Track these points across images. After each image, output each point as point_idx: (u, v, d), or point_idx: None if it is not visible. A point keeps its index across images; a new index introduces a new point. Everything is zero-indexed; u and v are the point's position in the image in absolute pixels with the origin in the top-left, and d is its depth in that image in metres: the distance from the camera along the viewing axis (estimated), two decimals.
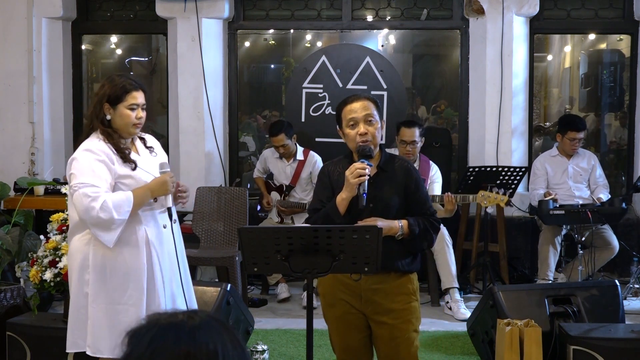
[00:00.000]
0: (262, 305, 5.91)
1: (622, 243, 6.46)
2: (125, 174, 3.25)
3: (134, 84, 3.30)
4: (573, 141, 6.17)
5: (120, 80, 3.30)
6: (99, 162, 3.19)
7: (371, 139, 3.16)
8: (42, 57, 6.93)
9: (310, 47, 7.98)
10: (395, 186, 3.18)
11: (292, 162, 6.28)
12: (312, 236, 2.84)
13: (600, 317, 4.21)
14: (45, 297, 4.86)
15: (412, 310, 3.21)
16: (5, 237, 4.75)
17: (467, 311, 5.43)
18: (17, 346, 4.04)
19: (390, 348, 3.21)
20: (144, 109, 3.33)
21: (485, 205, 5.42)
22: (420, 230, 3.15)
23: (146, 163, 3.35)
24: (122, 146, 3.29)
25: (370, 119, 3.17)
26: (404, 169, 3.23)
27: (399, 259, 3.17)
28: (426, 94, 8.24)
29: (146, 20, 7.26)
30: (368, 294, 3.18)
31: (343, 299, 3.22)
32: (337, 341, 3.32)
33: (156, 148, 3.49)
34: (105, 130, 3.27)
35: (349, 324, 3.24)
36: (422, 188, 3.26)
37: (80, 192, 3.12)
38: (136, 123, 3.29)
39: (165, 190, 3.25)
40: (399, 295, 3.19)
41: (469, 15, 6.80)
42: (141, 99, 3.31)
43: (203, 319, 1.36)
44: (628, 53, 7.15)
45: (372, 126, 3.17)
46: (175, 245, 3.30)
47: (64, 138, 7.13)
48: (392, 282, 3.18)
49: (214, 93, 6.92)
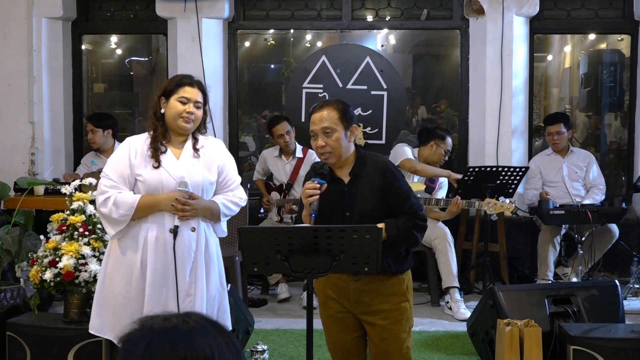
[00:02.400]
0: (262, 305, 5.91)
1: (622, 243, 6.47)
2: (140, 172, 3.29)
3: (189, 80, 3.37)
4: (549, 136, 6.25)
5: (179, 76, 3.41)
6: (123, 156, 3.32)
7: (331, 150, 3.14)
8: (42, 57, 6.93)
9: (310, 47, 7.97)
10: (372, 190, 3.13)
11: (291, 159, 6.29)
12: (312, 236, 2.84)
13: (600, 317, 4.21)
14: (45, 297, 4.85)
15: (402, 311, 3.20)
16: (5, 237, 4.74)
17: (467, 311, 5.43)
18: (17, 346, 4.04)
19: (380, 349, 3.21)
20: (198, 107, 3.33)
21: (491, 212, 5.43)
22: (399, 232, 3.09)
23: (177, 165, 3.32)
24: (160, 142, 3.31)
25: (328, 131, 3.13)
26: (378, 170, 3.17)
27: (386, 260, 3.12)
28: (426, 94, 8.24)
29: (146, 20, 7.25)
30: (357, 294, 3.17)
31: (334, 298, 3.22)
32: (330, 340, 3.32)
33: (212, 152, 3.40)
34: (154, 123, 3.34)
35: (341, 323, 3.24)
36: (402, 185, 3.18)
37: (100, 181, 3.34)
38: (184, 116, 3.30)
39: (169, 208, 3.26)
40: (388, 295, 3.17)
41: (469, 15, 6.80)
42: (195, 95, 3.33)
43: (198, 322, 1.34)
44: (628, 53, 7.15)
45: (331, 138, 3.13)
46: (175, 253, 3.24)
47: (64, 138, 7.13)
48: (381, 282, 3.16)
49: (214, 93, 6.92)
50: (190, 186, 3.29)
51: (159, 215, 3.28)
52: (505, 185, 5.97)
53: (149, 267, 3.26)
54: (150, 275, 3.26)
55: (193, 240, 3.30)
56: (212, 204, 3.35)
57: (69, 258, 3.87)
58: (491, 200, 5.34)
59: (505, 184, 5.98)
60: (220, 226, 3.44)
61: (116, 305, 3.31)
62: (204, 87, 3.41)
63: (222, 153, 3.45)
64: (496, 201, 5.33)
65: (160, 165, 3.30)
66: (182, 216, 3.25)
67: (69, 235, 3.96)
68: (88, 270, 3.87)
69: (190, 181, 3.29)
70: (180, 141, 3.39)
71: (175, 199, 3.24)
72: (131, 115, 8.15)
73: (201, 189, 3.34)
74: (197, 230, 3.31)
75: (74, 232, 3.95)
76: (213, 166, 3.39)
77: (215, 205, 3.36)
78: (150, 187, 3.29)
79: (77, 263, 3.88)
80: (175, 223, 3.25)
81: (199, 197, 3.31)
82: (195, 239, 3.31)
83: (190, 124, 3.33)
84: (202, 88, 3.39)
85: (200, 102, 3.35)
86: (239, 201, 3.46)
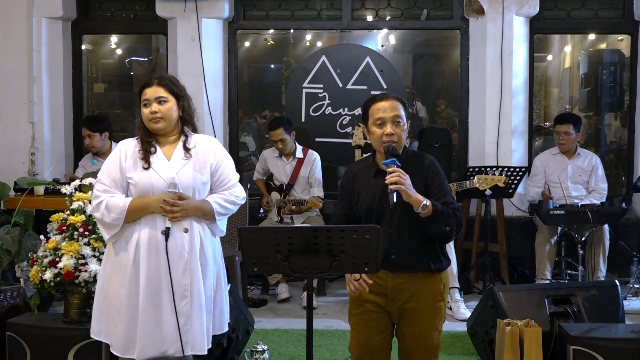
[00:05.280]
0: (262, 305, 5.91)
1: (622, 243, 6.47)
2: (131, 175, 3.30)
3: (148, 81, 3.38)
4: (559, 135, 6.21)
5: (144, 81, 3.40)
6: (115, 160, 3.35)
7: (397, 140, 3.18)
8: (42, 57, 6.94)
9: (310, 47, 7.98)
10: (415, 184, 3.16)
11: (291, 160, 6.29)
12: (312, 236, 2.84)
13: (600, 317, 4.21)
14: (45, 297, 4.85)
15: (437, 310, 3.25)
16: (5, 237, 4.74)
17: (467, 311, 5.43)
18: (17, 346, 4.03)
19: (410, 346, 3.26)
20: (162, 102, 3.33)
21: (483, 188, 5.43)
22: (443, 211, 3.12)
23: (168, 166, 3.32)
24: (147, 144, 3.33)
25: (398, 120, 3.19)
26: (424, 166, 3.24)
27: (427, 258, 3.19)
28: (426, 94, 8.24)
29: (146, 20, 7.26)
30: (395, 292, 3.21)
31: (369, 299, 3.23)
32: (355, 342, 3.32)
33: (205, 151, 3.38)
34: (139, 128, 3.39)
35: (373, 323, 3.26)
36: (444, 185, 3.25)
37: (95, 186, 3.39)
38: (151, 118, 3.31)
39: (159, 209, 3.25)
40: (426, 294, 3.22)
41: (469, 15, 6.81)
42: (154, 93, 3.33)
43: None
44: (628, 53, 7.15)
45: (399, 127, 3.19)
46: (168, 255, 3.23)
47: (64, 138, 7.14)
48: (419, 281, 3.21)
49: (214, 93, 6.92)
50: (181, 187, 3.27)
51: (150, 218, 3.28)
52: (505, 186, 5.98)
53: (142, 270, 3.26)
54: (144, 277, 3.25)
55: (186, 242, 3.28)
56: (204, 204, 3.33)
57: (69, 258, 3.87)
58: (481, 177, 5.37)
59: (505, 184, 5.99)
60: (217, 226, 3.41)
61: (111, 309, 3.31)
62: (167, 81, 3.37)
63: (216, 152, 3.42)
64: (486, 176, 5.35)
65: (150, 166, 3.30)
66: (172, 217, 3.24)
67: (69, 235, 3.96)
68: (88, 270, 3.87)
69: (180, 182, 3.28)
70: (170, 142, 3.38)
71: (163, 200, 3.23)
72: (131, 115, 8.15)
73: (192, 189, 3.32)
74: (190, 231, 3.29)
75: (74, 232, 3.95)
76: (205, 166, 3.37)
77: (208, 204, 3.33)
78: (141, 189, 3.28)
79: (77, 263, 3.88)
80: (166, 225, 3.25)
81: (189, 198, 3.28)
82: (188, 240, 3.29)
83: (161, 122, 3.33)
84: (163, 83, 3.36)
85: (162, 96, 3.33)
86: (235, 199, 3.43)
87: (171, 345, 3.25)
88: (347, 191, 3.30)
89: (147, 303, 3.25)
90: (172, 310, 3.24)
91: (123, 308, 3.27)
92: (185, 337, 3.25)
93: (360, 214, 3.24)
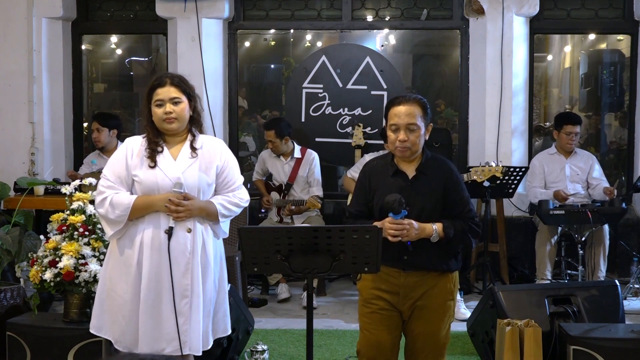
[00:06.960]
0: (262, 305, 5.91)
1: (622, 243, 6.47)
2: (136, 173, 3.31)
3: (159, 81, 3.35)
4: (569, 135, 6.18)
5: (153, 79, 3.39)
6: (121, 157, 3.35)
7: (410, 146, 3.19)
8: (42, 57, 6.93)
9: (310, 47, 7.98)
10: (434, 189, 3.20)
11: (290, 160, 6.29)
12: (312, 236, 2.85)
13: (600, 317, 4.21)
14: (45, 297, 4.85)
15: (446, 309, 3.30)
16: (5, 237, 4.74)
17: (467, 311, 5.43)
18: (17, 346, 4.04)
19: (418, 343, 3.30)
20: (176, 102, 3.32)
21: (481, 179, 5.43)
22: (455, 232, 3.17)
23: (174, 165, 3.32)
24: (154, 143, 3.32)
25: (413, 127, 3.19)
26: (443, 172, 3.25)
27: (438, 259, 3.22)
28: (426, 94, 8.22)
29: (146, 20, 7.25)
30: (406, 289, 3.23)
31: (380, 296, 3.25)
32: (364, 341, 3.33)
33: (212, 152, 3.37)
34: (146, 127, 3.38)
35: (383, 321, 3.27)
36: (463, 191, 3.26)
37: (99, 182, 3.38)
38: (165, 118, 3.31)
39: (164, 208, 3.26)
40: (437, 293, 3.25)
41: (469, 15, 6.80)
42: (168, 93, 3.32)
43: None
44: (628, 53, 7.15)
45: (414, 134, 3.19)
46: (170, 255, 3.23)
47: (64, 138, 7.13)
48: (431, 280, 3.24)
49: (214, 93, 6.92)
50: (186, 187, 3.28)
51: (155, 216, 3.28)
52: (505, 186, 5.97)
53: (144, 268, 3.26)
54: (146, 276, 3.26)
55: (189, 242, 3.28)
56: (208, 205, 3.33)
57: (69, 258, 3.87)
58: (478, 168, 5.37)
59: (505, 184, 5.99)
60: (220, 227, 3.41)
61: (114, 306, 3.32)
62: (179, 81, 3.36)
63: (222, 153, 3.42)
64: (483, 167, 5.35)
65: (156, 165, 3.30)
66: (176, 217, 3.24)
67: (69, 235, 3.96)
68: (88, 270, 3.87)
69: (186, 182, 3.28)
70: (178, 141, 3.39)
71: (169, 200, 3.23)
72: (131, 115, 8.15)
73: (197, 189, 3.32)
74: (194, 232, 3.29)
75: (74, 232, 3.95)
76: (211, 167, 3.37)
77: (212, 205, 3.33)
78: (146, 188, 3.29)
79: (77, 263, 3.88)
80: (170, 224, 3.25)
81: (194, 198, 3.29)
82: (190, 240, 3.29)
83: (175, 123, 3.33)
84: (176, 82, 3.35)
85: (176, 97, 3.33)
86: (239, 202, 3.43)
87: (169, 343, 3.26)
88: (363, 188, 3.32)
89: (147, 301, 3.25)
90: (172, 309, 3.24)
91: (126, 305, 3.28)
92: (184, 336, 3.26)
93: (375, 211, 3.26)
